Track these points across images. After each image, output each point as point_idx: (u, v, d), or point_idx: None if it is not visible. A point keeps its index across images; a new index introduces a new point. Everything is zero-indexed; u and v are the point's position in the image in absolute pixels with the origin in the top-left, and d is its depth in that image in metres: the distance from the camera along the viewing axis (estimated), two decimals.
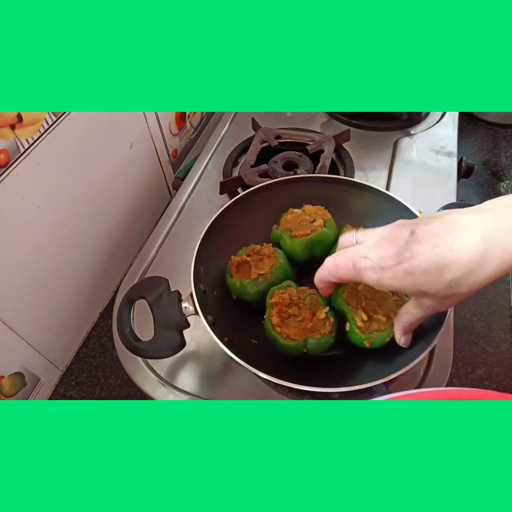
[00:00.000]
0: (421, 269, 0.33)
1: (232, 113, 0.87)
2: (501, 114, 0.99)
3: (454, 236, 0.32)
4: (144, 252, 0.63)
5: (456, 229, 0.32)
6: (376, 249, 0.36)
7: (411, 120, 0.80)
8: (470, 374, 0.61)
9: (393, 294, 0.46)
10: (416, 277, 0.33)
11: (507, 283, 0.71)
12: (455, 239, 0.32)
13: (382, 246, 0.35)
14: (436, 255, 0.32)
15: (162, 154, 0.78)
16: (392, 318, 0.44)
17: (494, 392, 0.29)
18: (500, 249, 0.30)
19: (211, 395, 0.49)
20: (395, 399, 0.31)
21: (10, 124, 0.45)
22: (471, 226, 0.32)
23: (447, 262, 0.32)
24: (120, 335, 0.44)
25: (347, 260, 0.38)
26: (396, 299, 0.45)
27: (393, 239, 0.35)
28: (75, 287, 0.62)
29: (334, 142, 0.72)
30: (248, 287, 0.50)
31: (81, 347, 0.66)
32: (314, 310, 0.47)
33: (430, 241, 0.33)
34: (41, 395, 0.59)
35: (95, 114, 0.58)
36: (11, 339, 0.52)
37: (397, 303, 0.45)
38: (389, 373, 0.39)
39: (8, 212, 0.48)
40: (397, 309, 0.44)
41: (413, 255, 0.33)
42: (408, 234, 0.34)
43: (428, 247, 0.33)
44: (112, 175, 0.65)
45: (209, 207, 0.69)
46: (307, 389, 0.39)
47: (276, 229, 0.55)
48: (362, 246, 0.38)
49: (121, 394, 0.61)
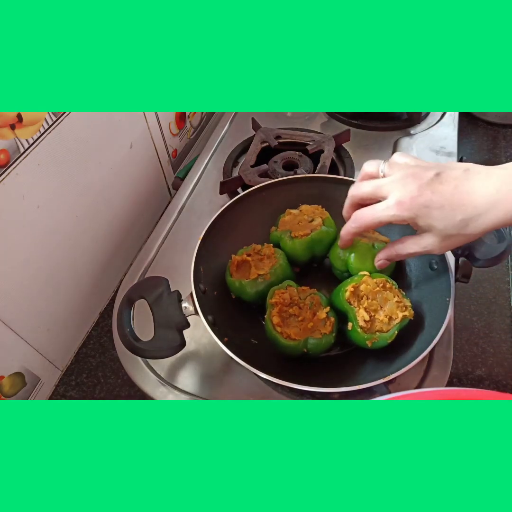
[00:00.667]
0: (438, 204, 0.37)
1: (232, 113, 0.87)
2: (501, 114, 0.99)
3: (473, 182, 0.36)
4: (144, 252, 0.63)
5: (476, 178, 0.37)
6: (401, 185, 0.39)
7: (411, 120, 0.80)
8: (470, 374, 0.61)
9: (394, 295, 0.46)
10: (431, 210, 0.37)
11: (507, 283, 0.71)
12: (474, 185, 0.36)
13: (408, 183, 0.39)
14: (454, 195, 0.37)
15: (162, 154, 0.78)
16: (394, 320, 0.45)
17: (494, 392, 0.29)
18: (508, 201, 0.35)
19: (211, 395, 0.49)
20: (395, 399, 0.31)
21: (10, 124, 0.45)
22: (490, 178, 0.36)
23: (463, 202, 0.36)
24: (120, 335, 0.44)
25: (371, 190, 0.41)
26: (397, 300, 0.45)
27: (418, 177, 0.38)
28: (75, 287, 0.62)
29: (334, 142, 0.73)
30: (247, 287, 0.50)
31: (81, 347, 0.66)
32: (314, 310, 0.47)
33: (451, 183, 0.37)
34: (41, 395, 0.59)
35: (95, 114, 0.58)
36: (11, 339, 0.52)
37: (398, 304, 0.45)
38: (389, 373, 0.39)
39: (8, 212, 0.48)
40: (398, 311, 0.45)
41: (434, 192, 0.37)
42: (433, 174, 0.38)
43: (449, 187, 0.37)
44: (112, 175, 0.65)
45: (209, 207, 0.69)
46: (307, 389, 0.39)
47: (275, 231, 0.55)
48: (388, 180, 0.40)
49: (121, 394, 0.61)
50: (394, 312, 0.45)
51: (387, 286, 0.47)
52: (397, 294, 0.46)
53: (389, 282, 0.47)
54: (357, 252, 0.50)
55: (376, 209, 0.41)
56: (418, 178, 0.38)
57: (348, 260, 0.51)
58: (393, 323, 0.44)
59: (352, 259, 0.50)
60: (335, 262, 0.53)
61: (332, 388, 0.40)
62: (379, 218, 0.41)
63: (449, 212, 0.37)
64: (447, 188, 0.37)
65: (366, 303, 0.45)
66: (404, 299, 0.46)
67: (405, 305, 0.45)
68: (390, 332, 0.44)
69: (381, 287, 0.46)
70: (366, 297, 0.46)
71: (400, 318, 0.44)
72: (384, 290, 0.46)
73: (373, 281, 0.47)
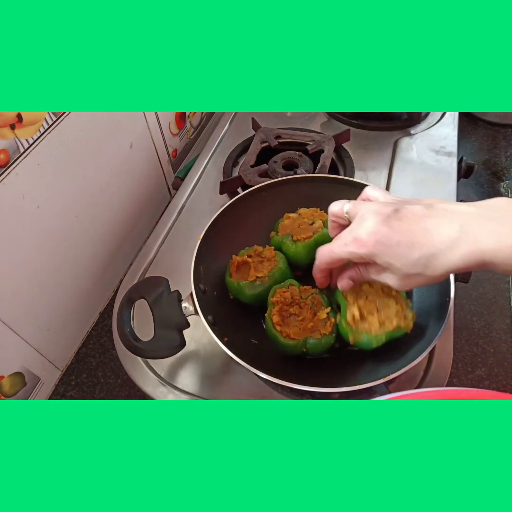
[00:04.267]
0: (394, 240, 0.35)
1: (232, 113, 0.87)
2: (501, 114, 0.99)
3: (434, 220, 0.34)
4: (144, 252, 0.63)
5: (439, 214, 0.34)
6: (359, 222, 0.37)
7: (411, 120, 0.80)
8: (470, 374, 0.61)
9: (397, 303, 0.44)
10: (387, 247, 0.35)
11: (507, 283, 0.71)
12: (434, 222, 0.34)
13: (365, 219, 0.37)
14: (412, 231, 0.34)
15: (162, 154, 0.78)
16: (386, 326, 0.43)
17: (494, 392, 0.29)
18: (472, 239, 0.32)
19: (211, 395, 0.49)
20: (395, 399, 0.31)
21: (10, 124, 0.45)
22: (453, 215, 0.34)
23: (420, 240, 0.34)
24: (120, 335, 0.44)
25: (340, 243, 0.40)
26: (398, 309, 0.44)
27: (377, 213, 0.36)
28: (75, 287, 0.62)
29: (334, 142, 0.73)
30: (245, 289, 0.49)
31: (81, 347, 0.66)
32: (315, 310, 0.47)
33: (410, 219, 0.35)
34: (41, 395, 0.59)
35: (95, 114, 0.58)
36: (11, 339, 0.52)
37: (397, 313, 0.43)
38: (389, 373, 0.39)
39: (8, 212, 0.48)
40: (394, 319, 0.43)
41: (391, 228, 0.35)
42: (391, 210, 0.36)
43: (406, 223, 0.35)
44: (112, 175, 0.65)
45: (209, 207, 0.69)
46: (307, 389, 0.39)
47: (275, 235, 0.55)
48: (352, 224, 0.39)
49: (121, 394, 0.61)
50: (390, 318, 0.43)
51: (393, 294, 0.45)
52: (401, 303, 0.44)
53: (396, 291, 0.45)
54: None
55: (334, 245, 0.40)
56: (377, 214, 0.36)
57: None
58: (385, 329, 0.43)
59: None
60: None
61: (332, 388, 0.40)
62: (338, 255, 0.39)
63: (406, 250, 0.34)
64: (405, 224, 0.35)
65: (362, 301, 0.44)
66: (407, 310, 0.44)
67: (406, 315, 0.44)
68: (378, 336, 0.42)
69: (385, 293, 0.45)
70: (366, 297, 0.45)
71: (394, 326, 0.43)
72: (388, 297, 0.44)
73: (379, 286, 0.45)
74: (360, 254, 0.37)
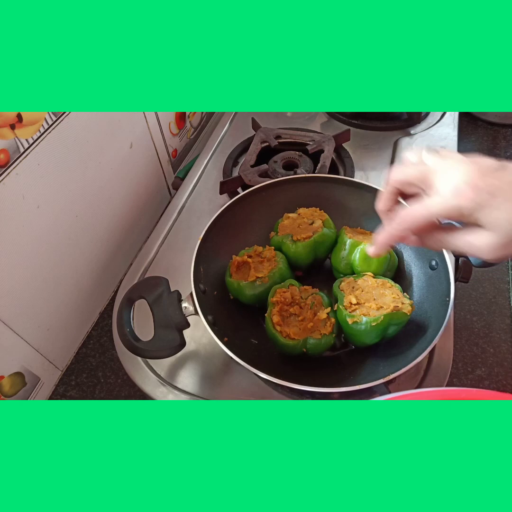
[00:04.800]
0: (507, 193, 0.30)
1: (232, 113, 0.87)
2: (501, 114, 0.99)
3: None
4: (144, 252, 0.63)
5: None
6: (457, 170, 0.32)
7: (411, 120, 0.80)
8: (470, 374, 0.61)
9: (392, 293, 0.46)
10: (497, 200, 0.30)
11: (507, 283, 0.71)
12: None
13: (465, 168, 0.32)
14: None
15: (162, 154, 0.78)
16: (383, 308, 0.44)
17: (494, 392, 0.29)
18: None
19: (211, 395, 0.49)
20: (395, 399, 0.31)
21: (10, 124, 0.45)
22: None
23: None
24: (120, 335, 0.44)
25: (418, 174, 0.34)
26: (395, 297, 0.45)
27: (478, 162, 0.32)
28: (75, 287, 0.62)
29: (334, 142, 0.73)
30: (245, 289, 0.50)
31: (81, 347, 0.66)
32: (315, 310, 0.47)
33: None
34: (41, 395, 0.59)
35: (95, 114, 0.58)
36: (11, 339, 0.52)
37: (394, 299, 0.45)
38: (389, 373, 0.39)
39: (8, 212, 0.48)
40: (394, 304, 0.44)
41: (500, 179, 0.31)
42: (496, 164, 0.32)
43: (509, 176, 0.31)
44: (112, 175, 0.65)
45: (209, 207, 0.69)
46: (307, 389, 0.39)
47: (275, 235, 0.55)
48: (439, 164, 0.34)
49: (121, 394, 0.61)
50: (387, 304, 0.44)
51: (387, 286, 0.46)
52: (397, 293, 0.46)
53: (391, 283, 0.47)
54: (362, 254, 0.50)
55: (428, 203, 0.33)
56: (478, 164, 0.32)
57: (353, 263, 0.51)
58: (382, 311, 0.43)
59: (357, 261, 0.50)
60: (338, 265, 0.52)
61: (332, 388, 0.40)
62: (433, 213, 0.33)
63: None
64: (509, 176, 0.30)
65: (358, 292, 0.45)
66: (403, 297, 0.45)
67: (402, 301, 0.45)
68: (376, 317, 0.43)
69: (380, 285, 0.46)
70: (361, 290, 0.46)
71: (391, 307, 0.43)
72: (383, 289, 0.46)
73: (374, 280, 0.47)
74: (462, 209, 0.31)
